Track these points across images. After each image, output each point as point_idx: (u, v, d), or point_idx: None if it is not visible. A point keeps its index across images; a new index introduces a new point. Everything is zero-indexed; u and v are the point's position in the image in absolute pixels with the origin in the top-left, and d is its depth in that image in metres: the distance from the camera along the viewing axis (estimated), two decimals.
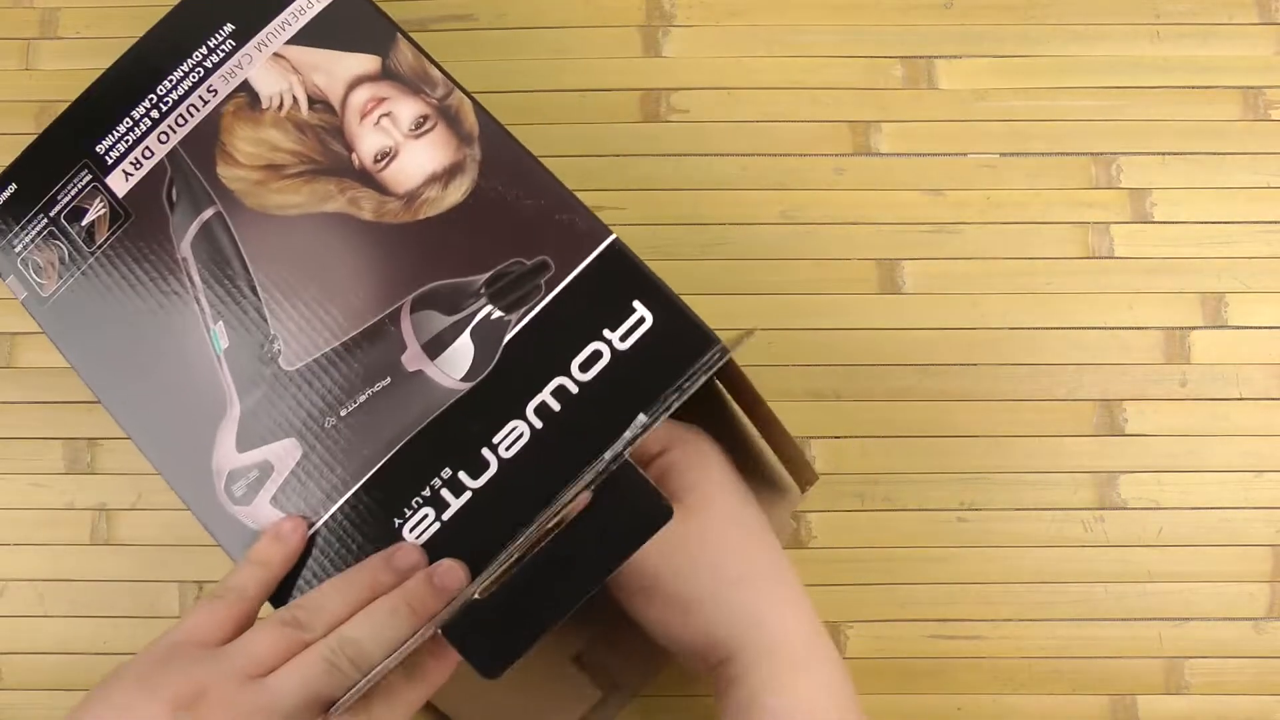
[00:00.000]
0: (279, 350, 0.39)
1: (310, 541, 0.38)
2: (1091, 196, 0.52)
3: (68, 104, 0.42)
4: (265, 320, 0.39)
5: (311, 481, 0.38)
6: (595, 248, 0.38)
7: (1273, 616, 0.48)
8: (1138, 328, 0.51)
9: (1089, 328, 0.51)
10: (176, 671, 0.33)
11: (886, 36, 0.53)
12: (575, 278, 0.38)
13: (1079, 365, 0.50)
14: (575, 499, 0.34)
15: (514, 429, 0.37)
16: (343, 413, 0.38)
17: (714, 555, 0.36)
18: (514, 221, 0.39)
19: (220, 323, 0.40)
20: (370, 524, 0.37)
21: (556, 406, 0.37)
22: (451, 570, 0.35)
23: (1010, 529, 0.49)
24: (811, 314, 0.50)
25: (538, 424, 0.37)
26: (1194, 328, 0.51)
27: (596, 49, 0.53)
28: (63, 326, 0.41)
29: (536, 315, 0.38)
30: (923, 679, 0.48)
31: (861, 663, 0.48)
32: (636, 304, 0.37)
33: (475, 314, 0.38)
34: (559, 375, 0.37)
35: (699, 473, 0.37)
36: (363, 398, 0.38)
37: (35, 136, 0.42)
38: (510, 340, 0.38)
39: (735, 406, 0.38)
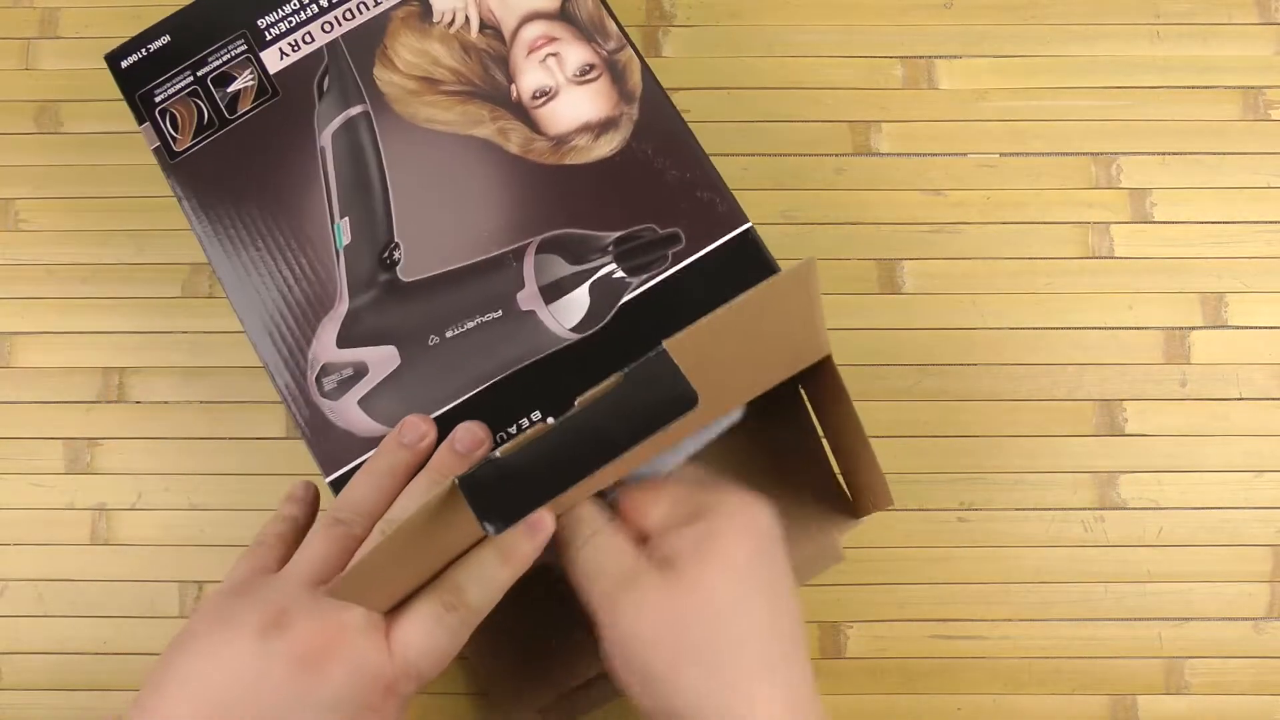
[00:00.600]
0: (399, 259, 0.39)
1: None
2: (1091, 196, 0.52)
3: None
4: (392, 226, 0.39)
5: (403, 393, 0.38)
6: (730, 231, 0.38)
7: (1273, 616, 0.48)
8: (1138, 328, 0.51)
9: (1089, 328, 0.51)
10: (251, 601, 0.33)
11: (886, 36, 0.53)
12: (703, 256, 0.38)
13: (1079, 365, 0.50)
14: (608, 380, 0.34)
15: None
16: (448, 334, 0.38)
17: (691, 636, 0.33)
18: (656, 188, 0.39)
19: (346, 219, 0.40)
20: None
21: None
22: (469, 431, 0.36)
23: (1010, 529, 0.49)
24: None
25: None
26: (1194, 328, 0.51)
27: None
28: (188, 183, 0.41)
29: (657, 284, 0.38)
30: (923, 679, 0.48)
31: (861, 663, 0.48)
32: None
33: (598, 269, 0.38)
34: None
35: (721, 545, 0.34)
36: (471, 324, 0.38)
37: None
38: (627, 302, 0.38)
39: (813, 417, 0.37)
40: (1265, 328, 0.50)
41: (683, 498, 0.36)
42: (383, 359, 0.38)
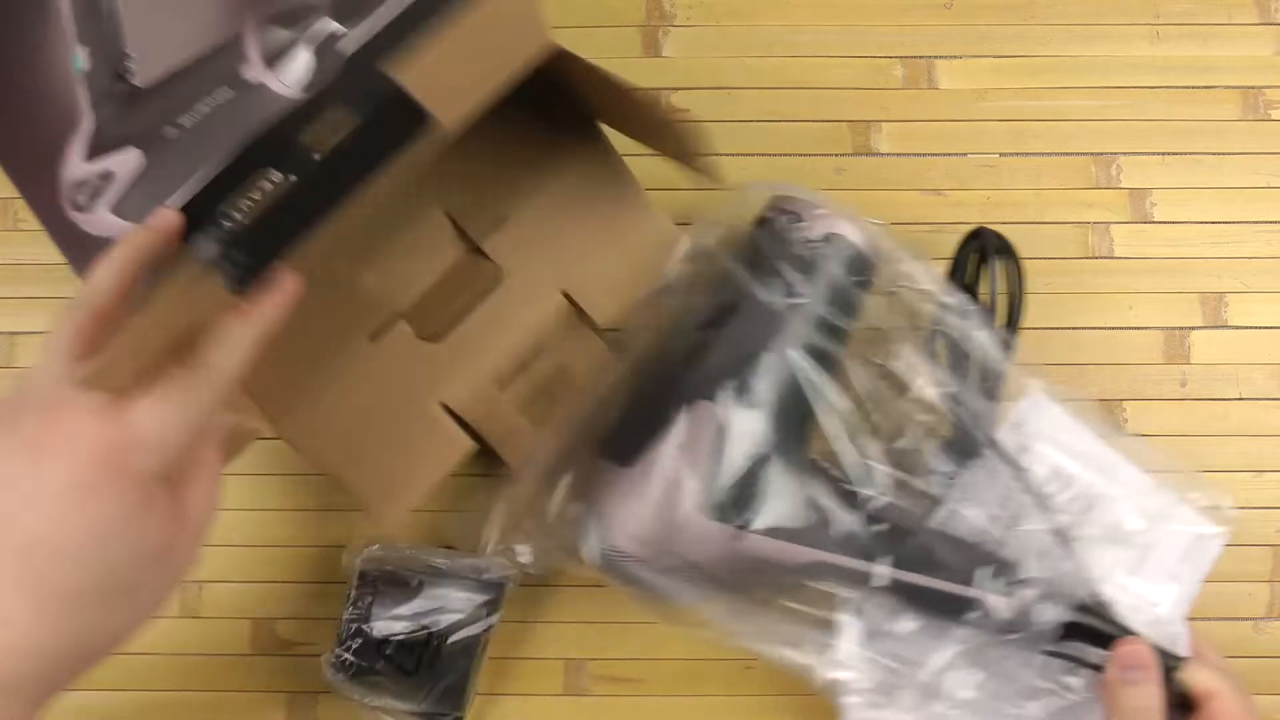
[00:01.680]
0: (133, 69, 0.42)
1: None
2: (1091, 196, 0.52)
3: None
4: (122, 43, 0.42)
5: (152, 187, 0.41)
6: None
7: (1273, 616, 0.48)
8: (1138, 328, 0.51)
9: (1089, 328, 0.51)
10: (15, 400, 0.34)
11: (886, 36, 0.53)
12: None
13: (1079, 365, 0.50)
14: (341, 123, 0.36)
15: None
16: (185, 123, 0.41)
17: None
18: None
19: (81, 46, 0.42)
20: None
21: None
22: (160, 214, 0.37)
23: None
24: None
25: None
26: (1194, 328, 0.51)
27: (596, 49, 0.53)
28: None
29: (378, 32, 0.40)
30: None
31: None
32: None
33: (312, 25, 0.41)
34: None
35: None
36: (205, 109, 0.41)
37: None
38: (351, 55, 0.40)
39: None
40: (1265, 328, 0.50)
41: None
42: (127, 162, 0.41)
